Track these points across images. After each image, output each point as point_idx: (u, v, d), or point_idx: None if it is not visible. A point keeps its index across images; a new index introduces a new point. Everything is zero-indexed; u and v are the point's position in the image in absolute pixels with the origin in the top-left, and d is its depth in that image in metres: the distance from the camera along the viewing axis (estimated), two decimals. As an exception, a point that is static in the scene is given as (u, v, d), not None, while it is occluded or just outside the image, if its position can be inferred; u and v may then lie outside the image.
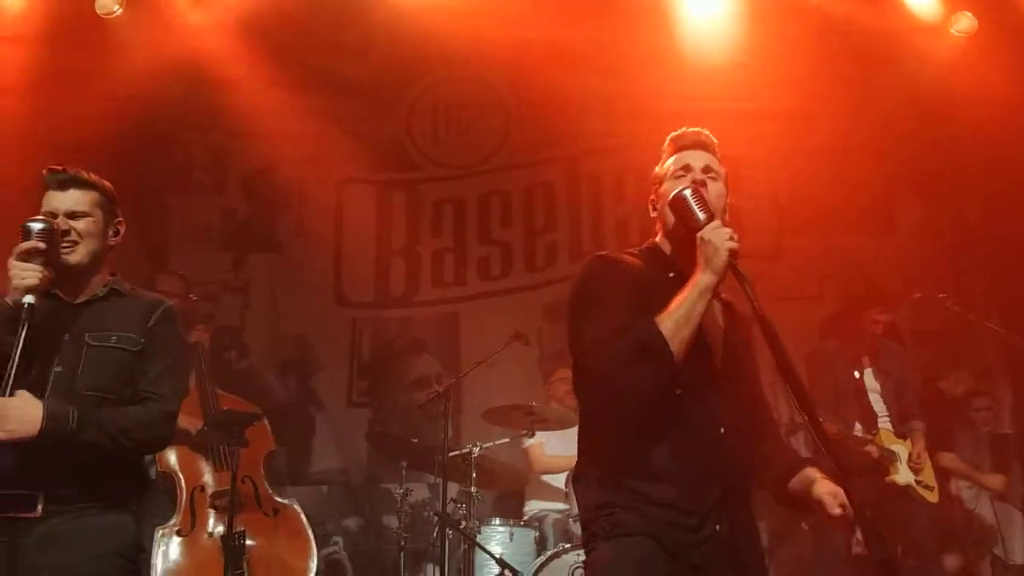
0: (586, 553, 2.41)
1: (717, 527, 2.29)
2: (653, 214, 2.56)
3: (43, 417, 2.55)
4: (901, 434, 5.53)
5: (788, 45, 6.50)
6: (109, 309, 2.86)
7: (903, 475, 5.40)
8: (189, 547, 4.16)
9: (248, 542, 4.22)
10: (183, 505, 4.29)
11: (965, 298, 6.34)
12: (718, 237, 2.28)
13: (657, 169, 2.57)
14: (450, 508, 5.02)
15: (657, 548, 2.25)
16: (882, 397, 5.54)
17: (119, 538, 2.73)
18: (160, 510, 4.35)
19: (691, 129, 2.58)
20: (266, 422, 4.74)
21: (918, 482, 5.43)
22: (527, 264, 7.11)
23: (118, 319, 2.84)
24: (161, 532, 4.19)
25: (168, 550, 4.13)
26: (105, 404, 2.72)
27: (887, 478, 5.35)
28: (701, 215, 2.33)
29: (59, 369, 2.71)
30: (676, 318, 2.24)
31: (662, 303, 2.27)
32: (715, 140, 2.57)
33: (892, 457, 5.39)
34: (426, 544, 5.17)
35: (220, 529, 4.21)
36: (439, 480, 5.00)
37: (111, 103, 6.47)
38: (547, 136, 7.13)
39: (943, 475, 5.80)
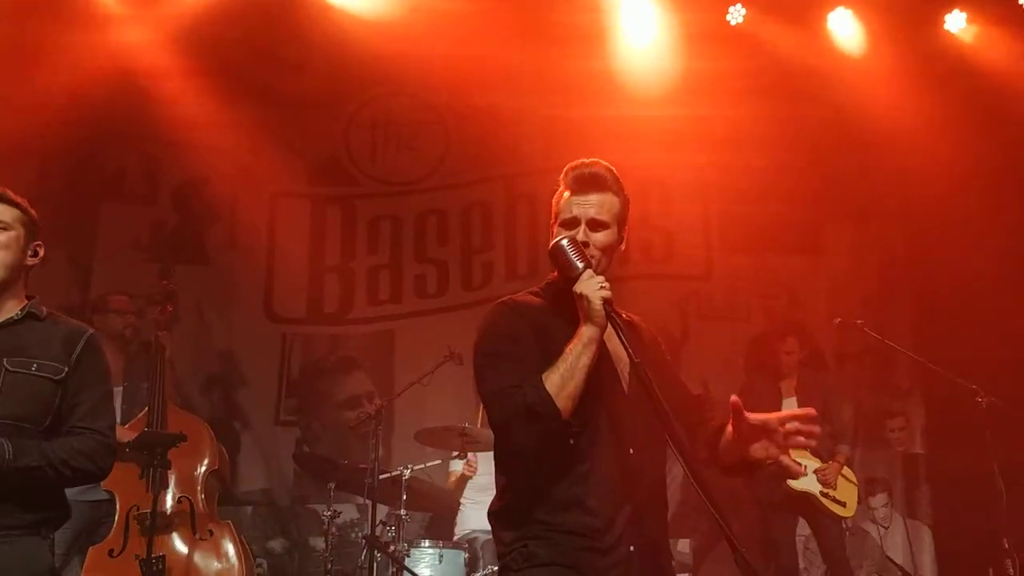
0: None
1: (631, 548, 2.34)
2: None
3: None
4: (819, 455, 5.75)
5: (721, 71, 6.66)
6: (27, 334, 2.78)
7: (803, 483, 5.65)
8: (113, 569, 4.02)
9: (180, 561, 4.10)
10: (117, 525, 4.20)
11: (887, 323, 6.54)
12: (590, 288, 2.32)
13: (553, 200, 2.57)
14: (379, 530, 4.95)
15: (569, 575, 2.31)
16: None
17: (33, 566, 2.67)
18: (105, 530, 4.28)
19: (586, 163, 2.53)
20: (211, 437, 4.63)
21: (824, 494, 5.68)
22: (463, 282, 7.09)
23: (38, 345, 2.76)
24: (92, 552, 4.10)
25: (91, 571, 4.02)
26: (21, 433, 2.65)
27: (785, 483, 5.61)
28: (578, 265, 2.36)
29: None
30: (562, 373, 2.30)
31: (563, 344, 2.34)
32: (612, 170, 2.53)
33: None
34: (353, 567, 5.09)
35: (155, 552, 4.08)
36: (368, 502, 4.93)
37: (41, 111, 6.31)
38: (485, 156, 7.13)
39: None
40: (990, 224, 6.13)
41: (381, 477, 5.00)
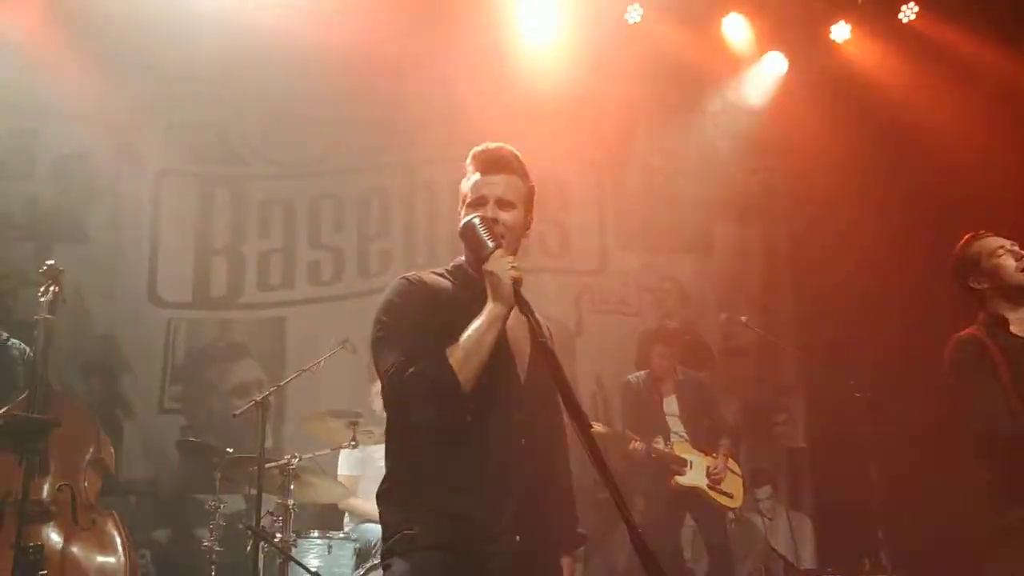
0: (383, 569, 2.42)
1: (517, 538, 2.35)
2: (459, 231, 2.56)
3: None
4: (702, 448, 5.95)
5: (617, 67, 6.78)
6: None
7: (689, 478, 5.86)
8: None
9: (57, 552, 3.86)
10: None
11: (772, 319, 6.77)
12: (500, 267, 2.33)
13: (462, 185, 2.57)
14: (267, 521, 4.82)
15: (453, 562, 2.31)
16: (680, 420, 6.03)
17: None
18: None
19: (492, 146, 2.55)
20: (96, 424, 4.41)
21: (711, 487, 5.88)
22: (360, 270, 6.98)
23: None
24: None
25: None
26: None
27: (674, 479, 5.81)
28: (489, 244, 2.36)
29: None
30: (466, 349, 2.30)
31: (465, 324, 2.33)
32: (517, 154, 2.56)
33: (682, 462, 5.86)
34: (240, 558, 4.94)
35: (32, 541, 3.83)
36: (255, 492, 4.79)
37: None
38: (384, 141, 7.03)
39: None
40: (871, 222, 6.42)
41: (269, 466, 4.86)
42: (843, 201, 6.56)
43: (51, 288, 4.22)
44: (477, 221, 2.39)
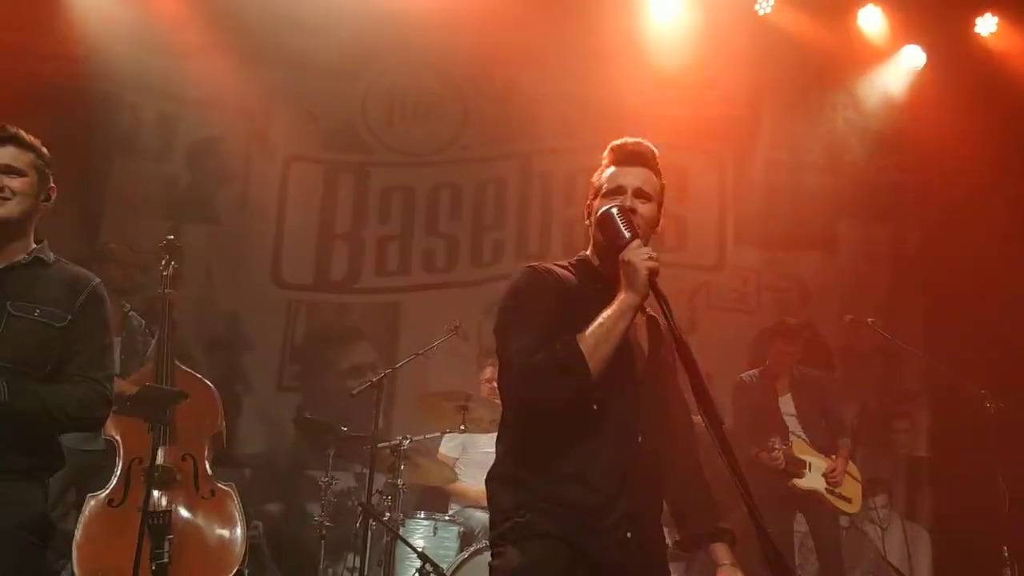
0: (492, 555, 2.42)
1: (628, 534, 2.33)
2: (587, 222, 2.56)
3: None
4: (822, 450, 5.73)
5: (743, 58, 6.62)
6: (32, 278, 2.78)
7: (808, 481, 5.63)
8: (113, 519, 3.95)
9: (181, 518, 4.03)
10: (118, 475, 4.12)
11: (899, 322, 6.48)
12: (638, 257, 2.31)
13: (594, 178, 2.57)
14: (375, 499, 4.95)
15: (565, 551, 2.30)
16: (798, 420, 5.80)
17: (25, 512, 2.69)
18: (97, 480, 4.23)
19: (631, 140, 2.56)
20: (218, 400, 4.56)
21: (829, 491, 5.66)
22: (473, 259, 7.05)
23: (42, 291, 2.76)
24: (92, 500, 4.02)
25: (91, 519, 3.94)
26: (21, 377, 2.65)
27: (790, 482, 5.59)
28: (626, 234, 2.35)
29: None
30: (596, 336, 2.28)
31: (588, 316, 2.32)
32: (655, 151, 2.55)
33: (800, 464, 5.63)
34: (348, 534, 5.10)
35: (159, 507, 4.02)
36: (366, 470, 4.93)
37: (59, 62, 6.29)
38: (502, 133, 7.08)
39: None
40: (1008, 227, 6.07)
41: (380, 446, 4.98)
42: (979, 203, 6.21)
43: (171, 263, 4.41)
44: (615, 210, 2.39)
